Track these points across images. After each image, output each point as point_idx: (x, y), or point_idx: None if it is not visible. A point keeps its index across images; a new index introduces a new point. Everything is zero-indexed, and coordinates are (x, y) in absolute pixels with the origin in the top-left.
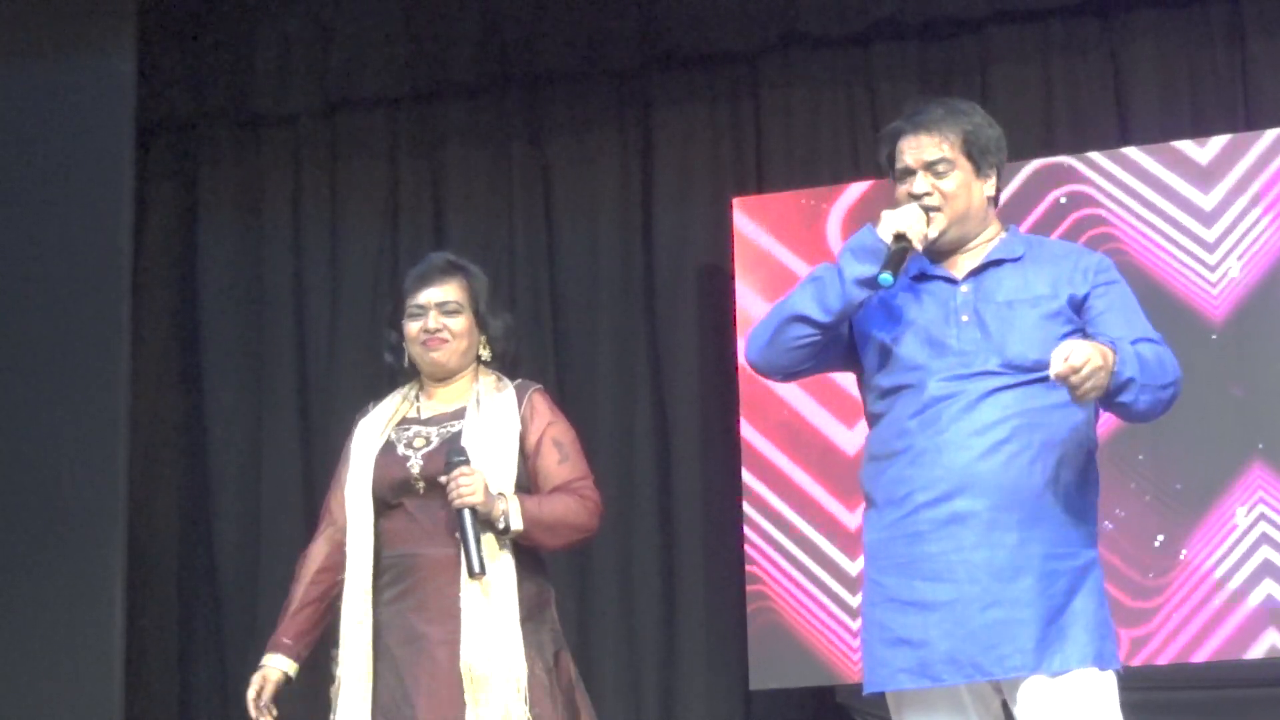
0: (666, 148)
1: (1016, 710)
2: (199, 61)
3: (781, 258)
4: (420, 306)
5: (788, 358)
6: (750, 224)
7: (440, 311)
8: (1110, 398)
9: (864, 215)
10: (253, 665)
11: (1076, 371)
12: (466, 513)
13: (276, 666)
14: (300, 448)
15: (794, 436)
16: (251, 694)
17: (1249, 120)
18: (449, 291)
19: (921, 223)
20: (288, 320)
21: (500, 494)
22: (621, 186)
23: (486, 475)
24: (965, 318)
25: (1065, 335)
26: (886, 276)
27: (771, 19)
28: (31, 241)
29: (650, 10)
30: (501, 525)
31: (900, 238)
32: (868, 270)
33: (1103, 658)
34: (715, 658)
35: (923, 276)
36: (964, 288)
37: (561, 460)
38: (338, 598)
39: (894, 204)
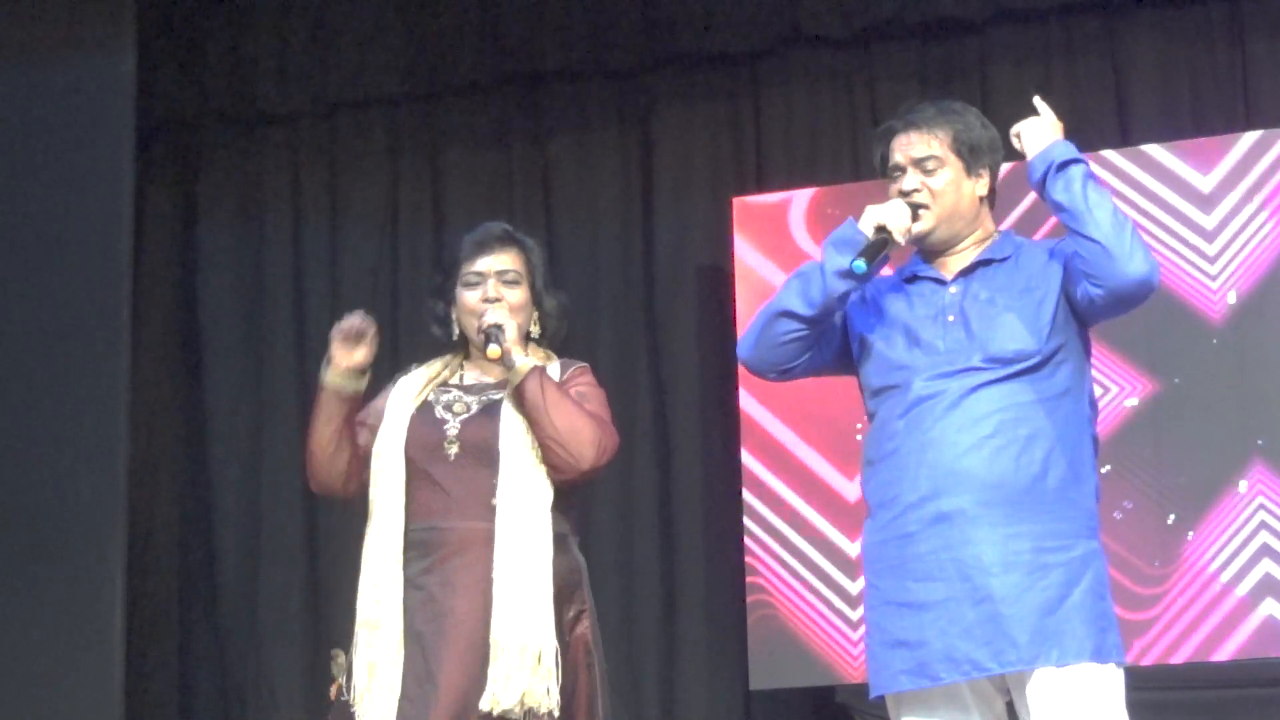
0: (666, 148)
1: (1021, 708)
2: (199, 61)
3: (781, 258)
4: (479, 274)
5: (776, 354)
6: (750, 223)
7: (500, 280)
8: (1060, 169)
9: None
10: (253, 666)
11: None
12: (494, 330)
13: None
14: (300, 448)
15: (787, 459)
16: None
17: (1249, 120)
18: (508, 260)
19: (904, 216)
20: (288, 320)
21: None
22: (621, 186)
23: (520, 446)
24: (951, 318)
25: (1051, 320)
26: (860, 264)
27: (772, 19)
28: (32, 241)
29: (650, 10)
30: (515, 360)
31: (881, 229)
32: (847, 261)
33: (1101, 651)
34: (715, 658)
35: (914, 278)
36: (952, 288)
37: (583, 401)
38: (352, 458)
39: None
